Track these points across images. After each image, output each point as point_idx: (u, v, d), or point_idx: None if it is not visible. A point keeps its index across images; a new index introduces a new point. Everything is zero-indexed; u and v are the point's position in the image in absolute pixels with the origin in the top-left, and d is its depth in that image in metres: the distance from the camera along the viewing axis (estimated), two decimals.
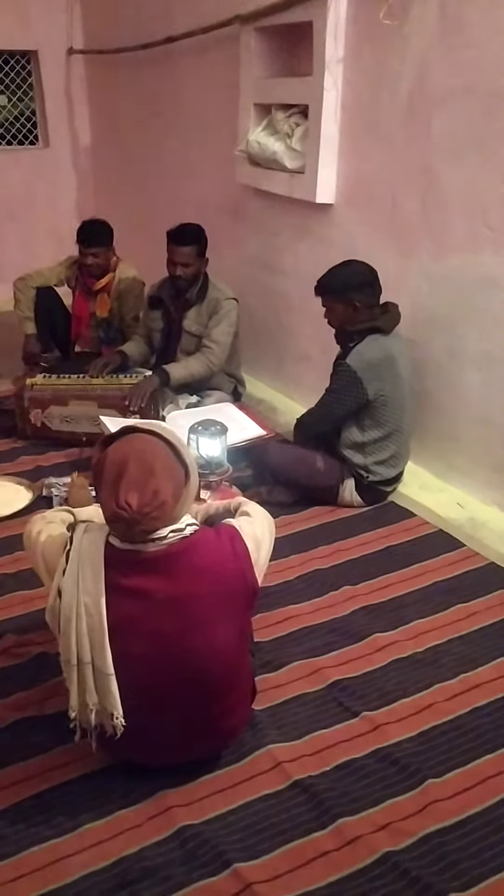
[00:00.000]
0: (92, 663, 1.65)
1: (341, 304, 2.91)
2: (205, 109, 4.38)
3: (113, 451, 1.63)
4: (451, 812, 1.79)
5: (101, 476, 1.62)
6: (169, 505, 1.60)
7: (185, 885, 1.62)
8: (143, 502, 1.56)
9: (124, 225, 4.10)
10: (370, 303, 2.92)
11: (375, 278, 2.93)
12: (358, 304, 2.88)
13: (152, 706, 1.72)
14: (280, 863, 1.67)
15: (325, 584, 2.61)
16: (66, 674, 1.69)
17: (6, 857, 1.68)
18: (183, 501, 1.65)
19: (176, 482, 1.62)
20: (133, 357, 3.82)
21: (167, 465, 1.61)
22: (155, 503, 1.57)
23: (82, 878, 1.64)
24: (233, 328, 3.65)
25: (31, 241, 5.62)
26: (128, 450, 1.61)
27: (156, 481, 1.57)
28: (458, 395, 3.06)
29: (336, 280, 2.92)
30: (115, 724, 1.68)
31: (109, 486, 1.59)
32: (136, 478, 1.57)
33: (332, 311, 2.97)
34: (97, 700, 1.67)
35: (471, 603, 2.52)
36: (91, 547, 1.66)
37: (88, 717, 1.69)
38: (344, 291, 2.89)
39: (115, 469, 1.59)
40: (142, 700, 1.69)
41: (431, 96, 2.91)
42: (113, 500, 1.57)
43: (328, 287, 2.94)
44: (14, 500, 3.09)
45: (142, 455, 1.59)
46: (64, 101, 5.67)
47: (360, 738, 2.00)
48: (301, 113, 3.53)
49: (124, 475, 1.57)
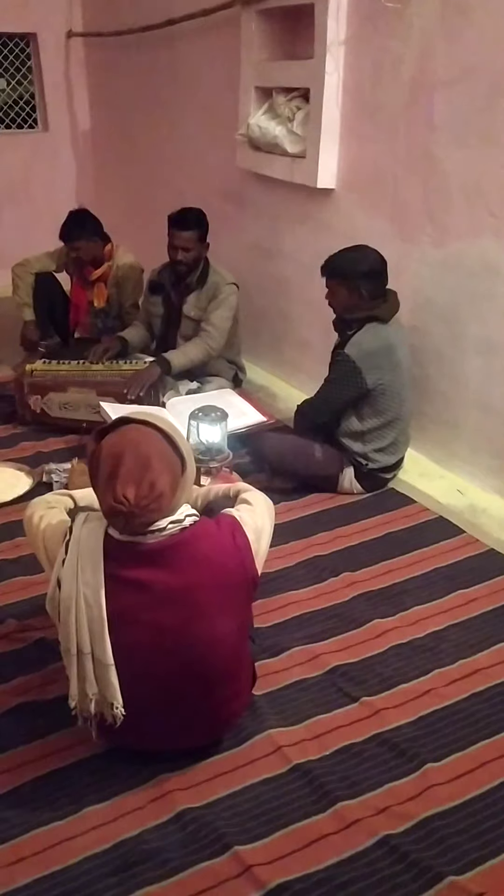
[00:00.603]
0: (92, 654, 1.65)
1: (346, 289, 2.87)
2: (205, 93, 4.35)
3: (107, 444, 1.61)
4: (449, 796, 1.80)
5: (96, 470, 1.61)
6: (167, 496, 1.59)
7: (186, 868, 1.64)
8: (141, 495, 1.55)
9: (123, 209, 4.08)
10: (375, 293, 2.89)
11: (384, 268, 2.89)
12: (363, 292, 2.85)
13: (152, 696, 1.73)
14: (280, 846, 1.69)
15: (325, 571, 2.61)
16: (65, 663, 1.70)
17: (8, 839, 1.70)
18: (181, 491, 1.64)
19: (173, 472, 1.61)
20: (133, 343, 3.81)
21: (163, 456, 1.60)
22: (152, 495, 1.56)
23: (84, 860, 1.65)
24: (232, 313, 3.63)
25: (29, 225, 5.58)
26: (122, 442, 1.60)
27: (152, 473, 1.56)
28: (459, 381, 3.06)
29: (345, 263, 2.87)
30: (115, 713, 1.68)
31: (105, 480, 1.58)
32: (132, 471, 1.56)
33: (334, 295, 2.93)
34: (97, 690, 1.68)
35: (470, 589, 2.53)
36: (90, 538, 1.65)
37: (88, 706, 1.70)
38: (352, 277, 2.85)
39: (111, 463, 1.58)
40: (142, 690, 1.70)
41: (434, 80, 2.88)
42: (110, 495, 1.56)
43: (336, 269, 2.89)
44: (14, 485, 3.09)
45: (137, 447, 1.58)
46: (63, 84, 5.63)
47: (360, 722, 2.01)
48: (302, 97, 3.50)
49: (120, 469, 1.56)
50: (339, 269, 2.88)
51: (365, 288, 2.86)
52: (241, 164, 3.97)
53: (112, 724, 1.71)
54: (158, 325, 3.82)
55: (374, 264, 2.87)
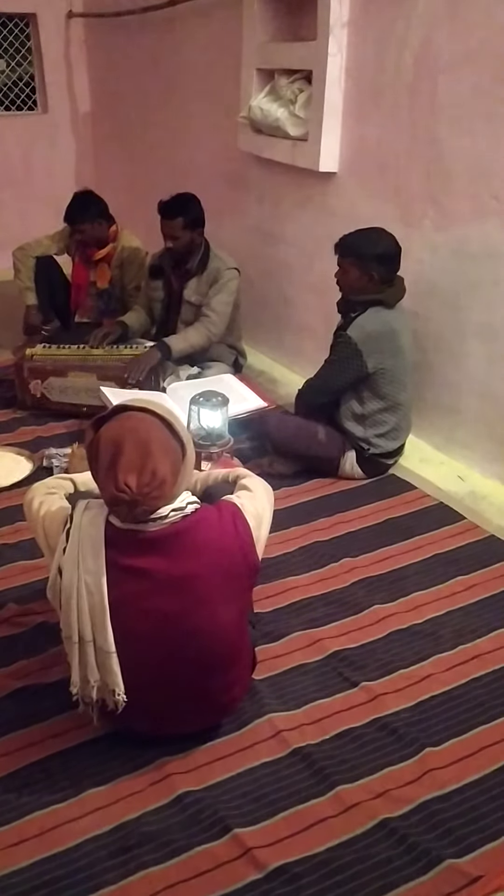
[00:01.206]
0: (93, 641, 1.66)
1: (358, 269, 2.84)
2: (207, 75, 4.31)
3: (106, 432, 1.60)
4: (448, 780, 1.81)
5: (96, 459, 1.60)
6: (168, 483, 1.58)
7: (186, 850, 1.65)
8: (143, 483, 1.55)
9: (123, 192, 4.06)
10: (386, 278, 2.86)
11: (398, 254, 2.87)
12: (374, 274, 2.83)
13: (153, 682, 1.73)
14: (279, 828, 1.70)
15: (325, 556, 2.62)
16: (67, 650, 1.70)
17: (9, 821, 1.71)
18: (182, 477, 1.63)
19: (173, 459, 1.60)
20: (133, 327, 3.80)
21: (163, 443, 1.59)
22: (154, 483, 1.55)
23: (84, 842, 1.67)
24: (232, 297, 3.61)
25: (29, 208, 5.55)
26: (121, 430, 1.58)
27: (153, 460, 1.55)
28: (460, 367, 3.05)
29: (361, 243, 2.84)
30: (117, 699, 1.69)
31: (106, 469, 1.57)
32: (133, 459, 1.55)
33: (345, 274, 2.90)
34: (98, 677, 1.69)
35: (470, 575, 2.53)
36: (91, 526, 1.64)
37: (90, 692, 1.71)
38: (366, 258, 2.82)
39: (110, 451, 1.57)
40: (143, 676, 1.70)
41: (437, 62, 2.86)
42: (111, 484, 1.55)
43: (351, 248, 2.86)
44: (14, 470, 3.09)
45: (136, 434, 1.57)
46: (63, 65, 5.57)
47: (359, 707, 2.02)
48: (305, 79, 3.47)
49: (120, 457, 1.55)
50: (355, 248, 2.85)
51: (376, 271, 2.84)
52: (243, 147, 3.94)
53: (113, 710, 1.72)
54: (159, 310, 3.80)
55: (388, 249, 2.85)
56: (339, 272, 2.93)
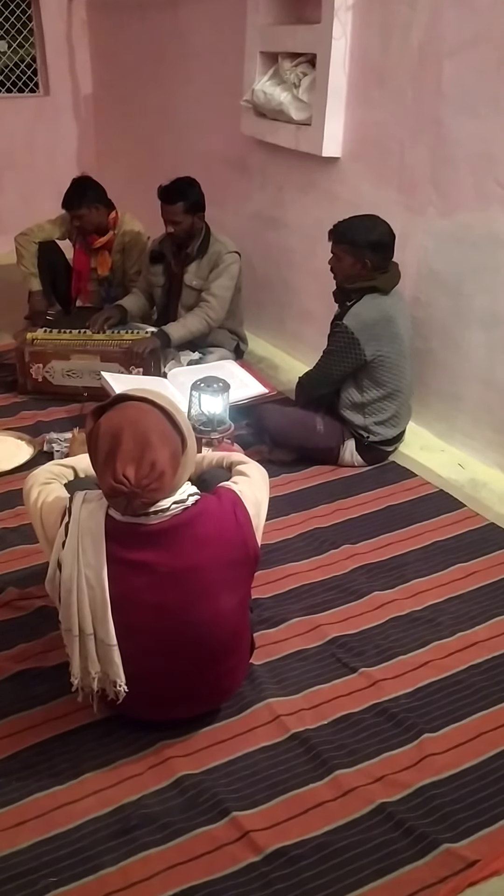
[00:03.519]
0: (94, 634, 1.65)
1: (351, 256, 2.84)
2: (210, 57, 4.27)
3: (106, 422, 1.58)
4: (445, 765, 1.82)
5: (95, 449, 1.58)
6: (168, 475, 1.57)
7: (185, 832, 1.66)
8: (142, 475, 1.53)
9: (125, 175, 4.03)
10: (379, 266, 2.86)
11: (392, 242, 2.86)
12: (368, 262, 2.83)
13: (154, 671, 1.74)
14: (278, 812, 1.71)
15: (325, 543, 2.62)
16: (66, 642, 1.70)
17: (10, 802, 1.72)
18: (182, 469, 1.62)
19: (173, 450, 1.58)
20: (132, 312, 3.79)
21: (163, 434, 1.56)
22: (153, 475, 1.54)
23: (84, 823, 1.68)
24: (233, 282, 3.60)
25: (30, 191, 5.52)
26: (121, 420, 1.56)
27: (152, 452, 1.53)
28: (462, 355, 3.04)
29: (354, 231, 2.84)
30: (118, 690, 1.69)
31: (105, 459, 1.55)
32: (132, 450, 1.53)
33: (338, 261, 2.90)
34: (99, 668, 1.69)
35: (470, 563, 2.54)
36: (90, 519, 1.63)
37: (91, 683, 1.71)
38: (358, 245, 2.81)
39: (109, 441, 1.55)
40: (143, 666, 1.70)
41: (442, 46, 2.83)
42: (110, 475, 1.54)
43: (345, 236, 2.85)
44: (15, 455, 3.09)
45: (136, 425, 1.55)
46: (65, 47, 5.52)
47: (358, 693, 2.03)
48: (308, 62, 3.44)
49: (119, 448, 1.53)
50: (348, 235, 2.85)
51: (369, 258, 2.83)
52: (246, 131, 3.91)
53: (114, 699, 1.72)
54: (160, 295, 3.79)
55: (382, 236, 2.84)
56: (333, 259, 2.93)
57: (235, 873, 1.59)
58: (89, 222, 3.83)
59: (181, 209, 3.45)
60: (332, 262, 2.93)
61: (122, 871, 1.58)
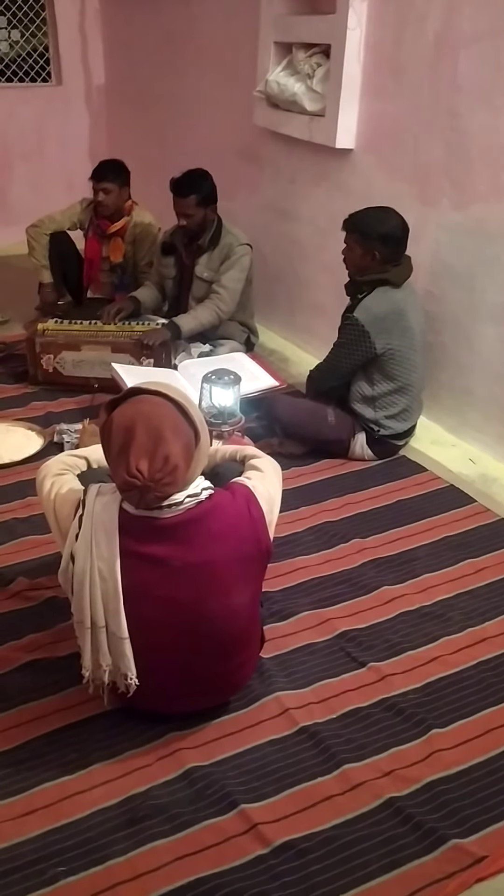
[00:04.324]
0: (106, 627, 1.65)
1: (361, 248, 2.84)
2: (223, 47, 4.25)
3: (119, 415, 1.57)
4: (454, 761, 1.82)
5: (108, 443, 1.58)
6: (181, 469, 1.56)
7: (193, 824, 1.66)
8: (155, 469, 1.52)
9: (137, 166, 4.01)
10: (390, 259, 2.84)
11: (405, 235, 2.85)
12: (377, 254, 2.82)
13: (165, 665, 1.74)
14: (286, 805, 1.71)
15: (334, 537, 2.62)
16: (78, 634, 1.71)
17: (19, 791, 1.73)
18: (195, 463, 1.61)
19: (186, 444, 1.57)
20: (145, 304, 3.78)
21: (176, 428, 1.56)
22: (167, 469, 1.53)
23: (93, 813, 1.69)
24: (244, 274, 3.59)
25: (42, 181, 5.52)
26: (134, 415, 1.55)
27: (165, 446, 1.53)
28: (474, 349, 3.03)
29: (366, 222, 2.83)
30: (129, 683, 1.70)
31: (118, 453, 1.55)
32: (145, 443, 1.52)
33: (350, 251, 2.89)
34: (111, 661, 1.69)
35: (480, 558, 2.53)
36: (104, 512, 1.63)
37: (102, 676, 1.71)
38: (369, 237, 2.81)
39: (123, 435, 1.54)
40: (154, 659, 1.71)
41: (459, 37, 2.81)
42: (123, 468, 1.53)
43: (356, 226, 2.85)
44: (25, 445, 3.09)
45: (149, 419, 1.54)
46: (78, 36, 5.50)
47: (367, 687, 2.02)
48: (323, 53, 3.42)
49: (132, 442, 1.53)
50: (359, 225, 2.84)
51: (379, 251, 2.82)
52: (259, 121, 3.89)
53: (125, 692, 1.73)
54: (171, 287, 3.78)
55: (394, 229, 2.83)
56: (345, 249, 2.92)
57: (243, 865, 1.59)
58: (111, 199, 3.82)
59: (193, 202, 3.44)
60: (344, 252, 2.93)
61: (130, 862, 1.59)
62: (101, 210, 3.88)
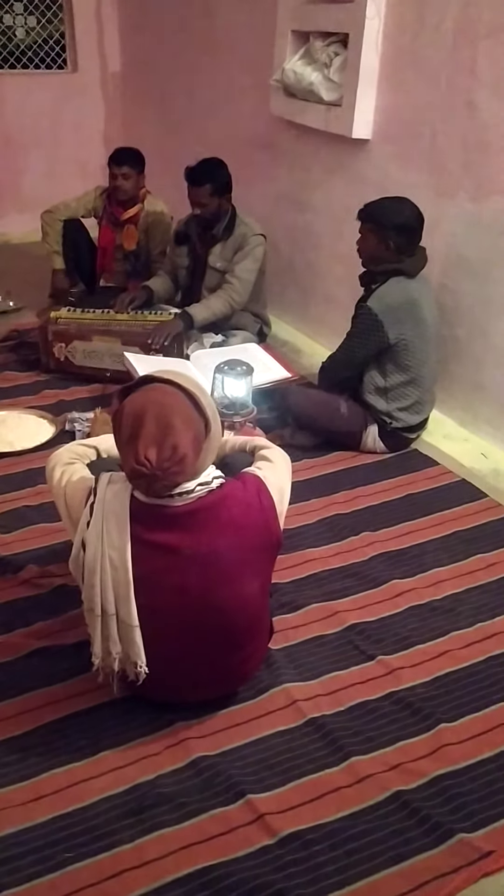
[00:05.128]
0: (116, 615, 1.66)
1: (375, 237, 2.83)
2: (240, 36, 4.22)
3: (130, 404, 1.57)
4: (462, 756, 1.81)
5: (119, 430, 1.58)
6: (189, 458, 1.56)
7: (200, 813, 1.67)
8: (163, 458, 1.52)
9: (152, 156, 4.00)
10: (404, 249, 2.82)
11: (419, 226, 2.83)
12: (392, 244, 2.80)
13: (175, 654, 1.74)
14: (292, 796, 1.71)
15: (344, 529, 2.61)
16: (88, 622, 1.71)
17: (28, 777, 1.74)
18: (205, 453, 1.61)
19: (196, 434, 1.57)
20: (158, 293, 3.77)
21: (186, 418, 1.56)
22: (175, 458, 1.53)
23: (101, 800, 1.69)
24: (257, 265, 3.57)
25: (56, 169, 5.51)
26: (145, 403, 1.56)
27: (175, 435, 1.53)
28: (489, 343, 3.01)
29: (381, 211, 2.82)
30: (139, 671, 1.70)
31: (127, 441, 1.55)
32: (154, 432, 1.53)
33: (364, 241, 2.88)
34: (120, 649, 1.69)
35: (491, 553, 2.52)
36: (115, 500, 1.63)
37: (112, 663, 1.72)
38: (384, 226, 2.79)
39: (133, 423, 1.55)
40: (164, 648, 1.71)
41: (478, 28, 2.77)
42: (132, 456, 1.54)
43: (371, 215, 2.84)
44: (36, 433, 3.09)
45: (159, 408, 1.54)
46: (94, 23, 5.48)
47: (375, 680, 2.02)
48: (341, 42, 3.39)
49: (142, 430, 1.53)
50: (375, 215, 2.83)
51: (394, 241, 2.80)
52: (275, 111, 3.87)
53: (134, 680, 1.73)
54: (184, 277, 3.77)
55: (408, 220, 2.81)
56: (360, 239, 2.91)
57: (249, 855, 1.59)
58: (127, 184, 3.82)
59: (208, 191, 3.42)
60: (358, 242, 2.92)
61: (137, 849, 1.60)
62: (117, 195, 3.87)
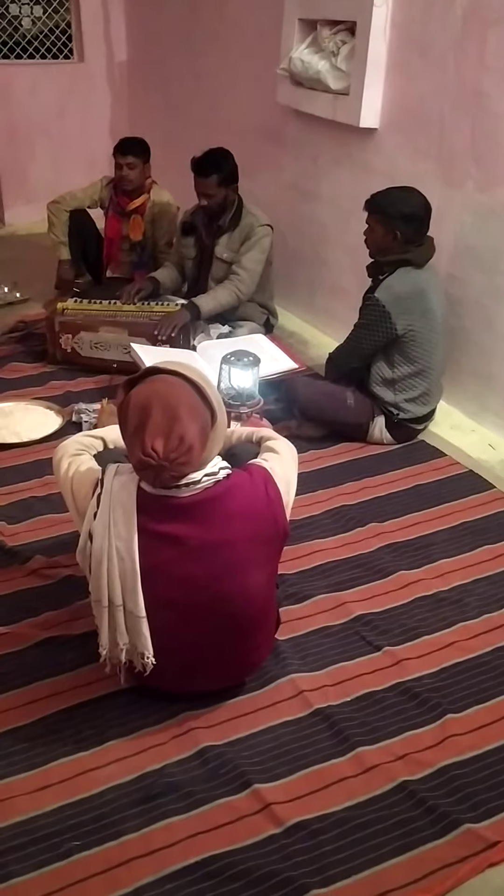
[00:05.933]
0: (123, 606, 1.66)
1: (382, 227, 2.81)
2: (246, 24, 4.19)
3: (136, 395, 1.57)
4: (468, 746, 1.82)
5: (125, 422, 1.58)
6: (196, 449, 1.56)
7: (207, 802, 1.68)
8: (170, 448, 1.52)
9: (159, 146, 3.99)
10: (411, 239, 2.81)
11: (426, 216, 2.81)
12: (399, 234, 2.79)
13: (181, 644, 1.74)
14: (299, 786, 1.72)
15: (351, 520, 2.61)
16: (95, 613, 1.71)
17: (35, 766, 1.75)
18: (211, 444, 1.61)
19: (202, 425, 1.57)
20: (165, 284, 3.77)
21: (192, 408, 1.56)
22: (181, 449, 1.53)
23: (108, 789, 1.70)
24: (264, 255, 3.56)
25: (62, 159, 5.50)
26: (150, 394, 1.56)
27: (181, 426, 1.53)
28: (497, 334, 2.99)
29: (388, 201, 2.80)
30: (146, 662, 1.70)
31: (134, 432, 1.55)
32: (161, 423, 1.52)
33: (371, 231, 2.87)
34: (128, 640, 1.70)
35: (497, 545, 2.51)
36: (122, 491, 1.63)
37: (119, 654, 1.72)
38: (390, 216, 2.78)
39: (139, 414, 1.54)
40: (171, 639, 1.71)
41: (487, 15, 2.75)
42: (138, 448, 1.54)
43: (378, 205, 2.82)
44: (43, 424, 3.10)
45: (165, 399, 1.54)
46: (100, 13, 5.45)
47: (382, 671, 2.02)
48: (348, 30, 3.37)
49: (148, 421, 1.53)
50: (381, 205, 2.81)
51: (401, 230, 2.79)
52: (282, 100, 3.85)
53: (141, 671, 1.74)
54: (190, 267, 3.76)
55: (416, 209, 2.79)
56: (367, 229, 2.89)
57: (256, 844, 1.60)
58: (133, 174, 3.81)
59: (215, 182, 3.41)
60: (365, 232, 2.90)
61: (144, 838, 1.60)
62: (123, 185, 3.86)
